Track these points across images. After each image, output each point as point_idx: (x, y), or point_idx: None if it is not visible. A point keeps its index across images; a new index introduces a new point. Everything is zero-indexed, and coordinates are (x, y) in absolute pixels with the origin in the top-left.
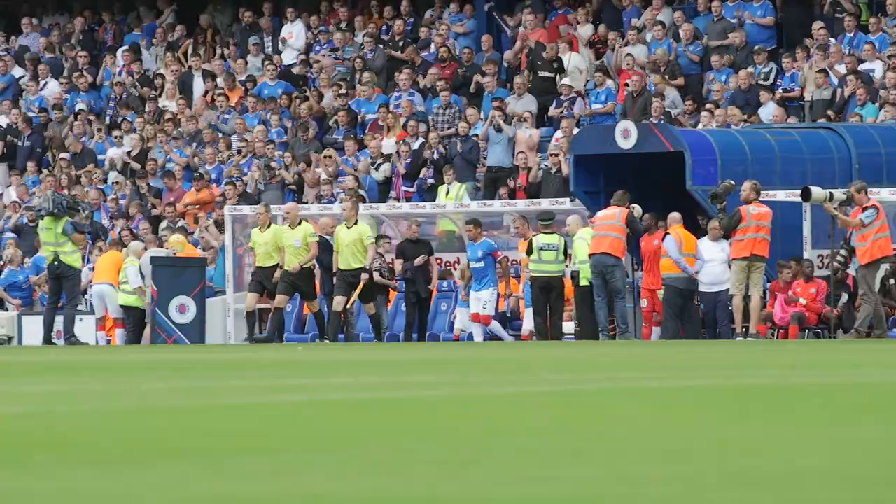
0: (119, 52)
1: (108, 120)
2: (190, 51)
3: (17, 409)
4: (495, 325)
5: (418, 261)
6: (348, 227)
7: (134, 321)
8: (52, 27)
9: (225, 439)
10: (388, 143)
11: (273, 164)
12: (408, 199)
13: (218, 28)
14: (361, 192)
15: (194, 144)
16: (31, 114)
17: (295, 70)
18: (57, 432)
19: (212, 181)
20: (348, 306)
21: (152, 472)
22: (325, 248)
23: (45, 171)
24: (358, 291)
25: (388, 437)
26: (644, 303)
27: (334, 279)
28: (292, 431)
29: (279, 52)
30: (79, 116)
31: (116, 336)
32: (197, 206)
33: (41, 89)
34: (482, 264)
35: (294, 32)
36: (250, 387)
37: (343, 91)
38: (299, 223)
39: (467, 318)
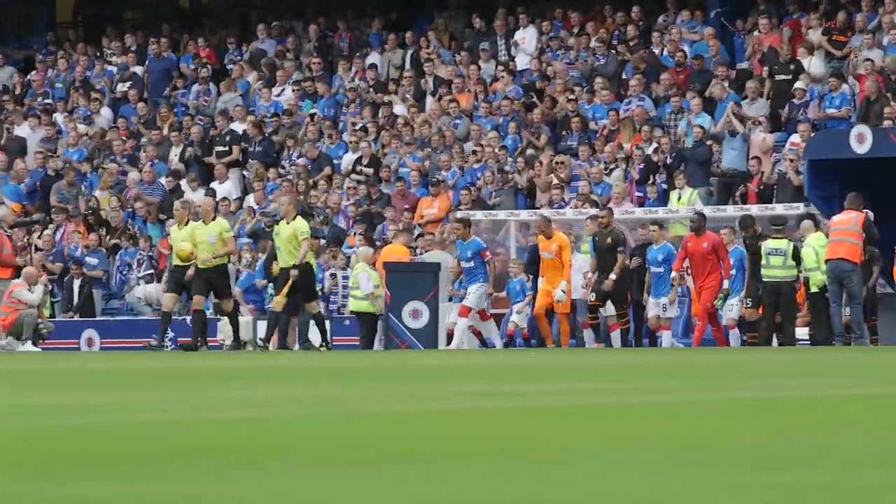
0: (353, 59)
1: (341, 126)
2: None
3: (249, 413)
4: (462, 322)
5: (635, 262)
6: (287, 224)
7: (366, 327)
8: (287, 33)
9: (446, 443)
10: (621, 149)
11: (506, 168)
12: (640, 205)
13: (452, 33)
14: (594, 197)
15: (427, 150)
16: (265, 119)
17: (528, 75)
18: (286, 436)
19: (448, 187)
20: (275, 306)
21: (375, 475)
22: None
23: (285, 175)
24: (286, 290)
25: (611, 442)
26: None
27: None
28: (512, 436)
29: (512, 58)
30: (314, 121)
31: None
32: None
33: (277, 95)
34: (472, 264)
35: (527, 37)
36: (473, 392)
37: (576, 96)
38: (213, 218)
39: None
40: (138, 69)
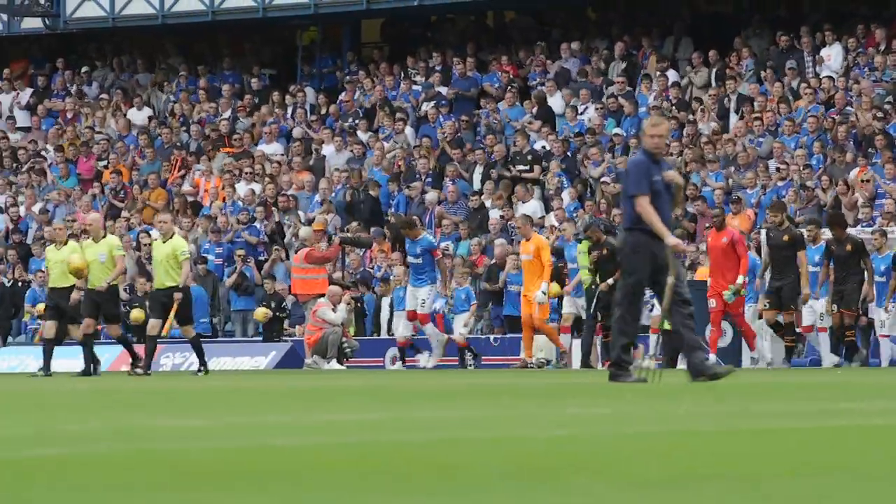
0: (654, 76)
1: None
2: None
3: (561, 431)
4: (429, 328)
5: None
6: (164, 242)
7: (668, 345)
8: (590, 51)
9: (761, 462)
10: None
11: (809, 183)
12: None
13: (756, 51)
14: None
15: (730, 167)
16: (567, 139)
17: (833, 93)
18: (598, 454)
19: (749, 206)
20: (164, 332)
21: (687, 494)
22: None
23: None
24: (172, 314)
25: None
26: (713, 303)
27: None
28: (837, 456)
29: (817, 76)
30: (613, 140)
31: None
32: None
33: (581, 114)
34: (420, 260)
35: (832, 55)
36: (788, 411)
37: (882, 114)
38: (104, 236)
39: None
40: (443, 88)
